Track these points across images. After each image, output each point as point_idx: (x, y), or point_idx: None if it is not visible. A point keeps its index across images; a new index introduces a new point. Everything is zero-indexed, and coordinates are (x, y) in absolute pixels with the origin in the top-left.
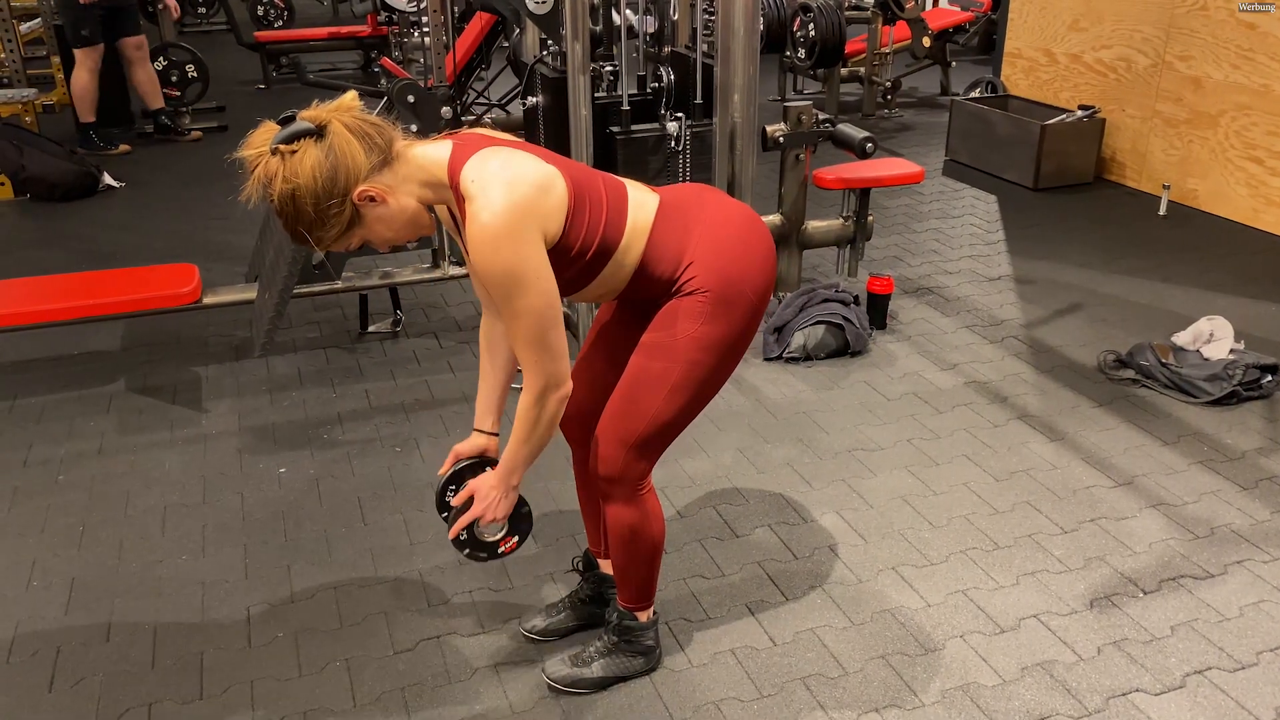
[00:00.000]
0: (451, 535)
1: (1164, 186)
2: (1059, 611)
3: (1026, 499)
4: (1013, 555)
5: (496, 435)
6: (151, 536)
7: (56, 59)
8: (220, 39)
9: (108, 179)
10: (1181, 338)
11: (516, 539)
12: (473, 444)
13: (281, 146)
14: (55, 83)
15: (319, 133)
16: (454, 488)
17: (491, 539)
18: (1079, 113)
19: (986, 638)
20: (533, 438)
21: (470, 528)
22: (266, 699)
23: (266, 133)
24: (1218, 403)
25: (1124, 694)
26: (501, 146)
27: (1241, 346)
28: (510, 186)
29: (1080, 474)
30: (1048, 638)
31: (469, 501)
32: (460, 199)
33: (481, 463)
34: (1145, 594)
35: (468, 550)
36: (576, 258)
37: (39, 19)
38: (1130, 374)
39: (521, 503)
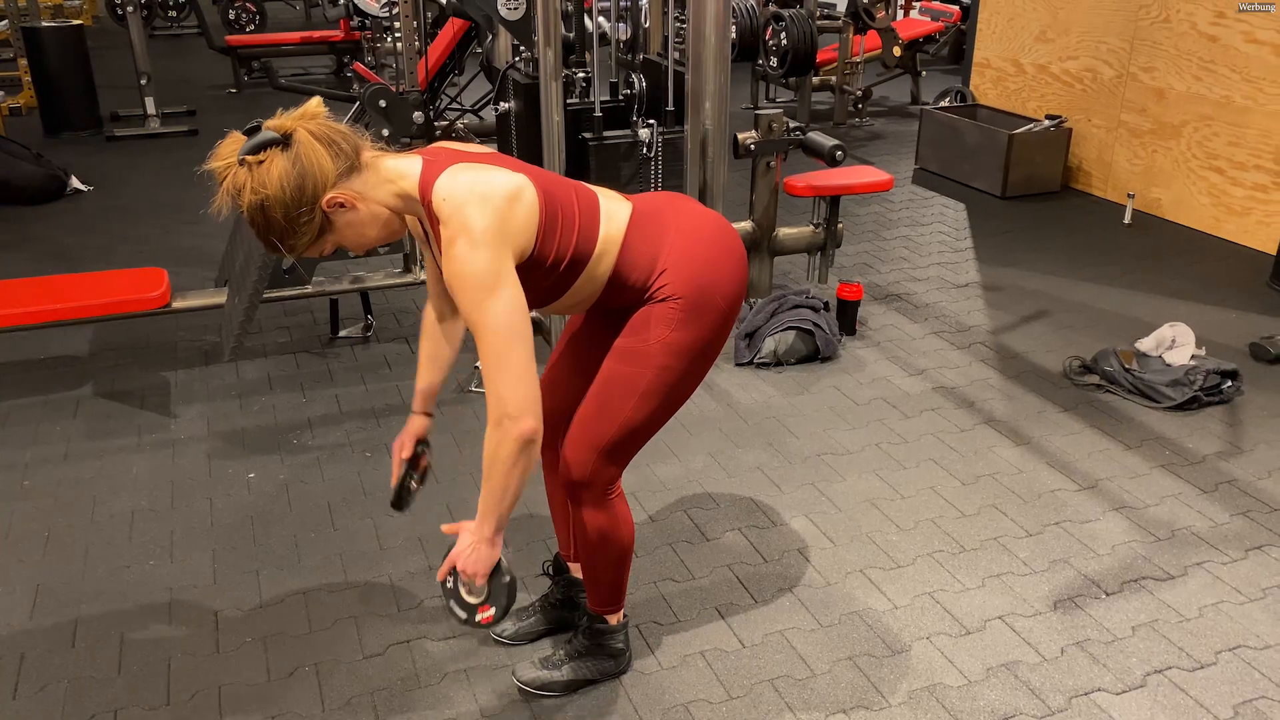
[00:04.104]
0: (440, 576)
1: (1129, 195)
2: (1024, 613)
3: (992, 502)
4: (979, 558)
5: (430, 416)
6: (118, 542)
7: (23, 61)
8: (191, 42)
9: (75, 182)
10: (1145, 344)
11: (493, 611)
12: (408, 429)
13: (248, 157)
14: (22, 85)
15: (285, 142)
16: (414, 475)
17: (471, 600)
18: (1046, 122)
19: (952, 639)
20: (493, 476)
21: (455, 577)
22: (234, 704)
23: (233, 144)
24: (1179, 408)
25: (1086, 693)
26: (471, 162)
27: (1203, 352)
28: (483, 202)
29: (1045, 478)
30: (1012, 639)
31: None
32: (434, 219)
33: (419, 445)
34: (1108, 595)
35: (452, 601)
36: (551, 268)
37: (6, 21)
38: (1095, 379)
39: (500, 569)
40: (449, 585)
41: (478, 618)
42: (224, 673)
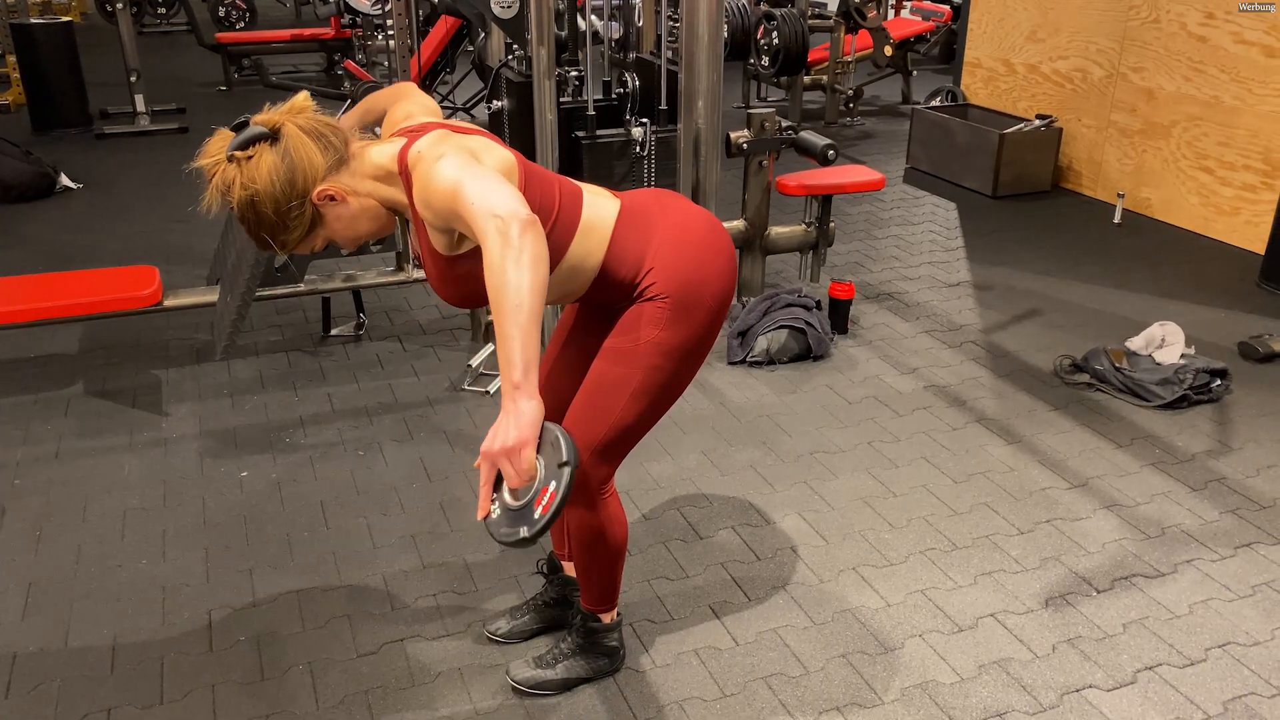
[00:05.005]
0: (481, 513)
1: (1119, 195)
2: (1015, 610)
3: (984, 500)
4: (970, 555)
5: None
6: (110, 541)
7: (12, 58)
8: (181, 40)
9: (65, 180)
10: (1134, 343)
11: (553, 486)
12: None
13: (237, 153)
14: (10, 82)
15: (273, 136)
16: None
17: (523, 502)
18: (1036, 122)
19: (945, 636)
20: (506, 280)
21: (498, 500)
22: (228, 703)
23: (221, 140)
24: (1169, 406)
25: (1078, 690)
26: (450, 130)
27: (1192, 351)
28: (454, 142)
29: (1036, 476)
30: (1004, 636)
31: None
32: (409, 180)
33: None
34: (1098, 593)
35: (503, 530)
36: None
37: None
38: (1085, 378)
39: (548, 430)
40: (494, 516)
41: (538, 511)
42: (217, 672)
